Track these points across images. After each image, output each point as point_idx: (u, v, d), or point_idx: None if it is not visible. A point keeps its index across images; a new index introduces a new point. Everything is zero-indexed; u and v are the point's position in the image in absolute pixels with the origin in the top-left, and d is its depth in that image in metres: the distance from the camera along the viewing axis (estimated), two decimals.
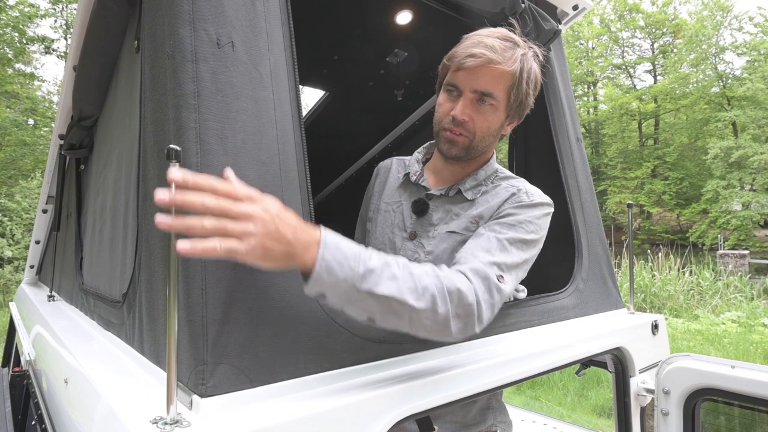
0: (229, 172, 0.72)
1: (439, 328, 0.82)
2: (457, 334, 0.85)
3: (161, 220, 0.61)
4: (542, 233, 1.06)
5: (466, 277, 0.88)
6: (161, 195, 0.62)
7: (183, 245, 0.61)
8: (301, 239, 0.70)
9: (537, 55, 1.08)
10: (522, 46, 1.05)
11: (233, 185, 0.68)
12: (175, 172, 0.63)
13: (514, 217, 1.04)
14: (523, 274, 1.02)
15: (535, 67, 1.07)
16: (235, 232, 0.65)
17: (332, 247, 0.73)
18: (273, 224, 0.67)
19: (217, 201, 0.65)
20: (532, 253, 1.04)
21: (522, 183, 1.14)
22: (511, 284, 0.96)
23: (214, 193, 0.66)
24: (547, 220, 1.09)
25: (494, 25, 1.47)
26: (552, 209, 1.11)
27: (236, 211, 0.66)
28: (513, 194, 1.09)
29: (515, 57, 1.02)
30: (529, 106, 1.11)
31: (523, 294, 1.21)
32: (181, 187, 0.63)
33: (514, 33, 1.06)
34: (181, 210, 0.63)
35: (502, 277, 0.93)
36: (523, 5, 1.44)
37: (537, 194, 1.10)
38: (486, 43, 1.01)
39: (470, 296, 0.85)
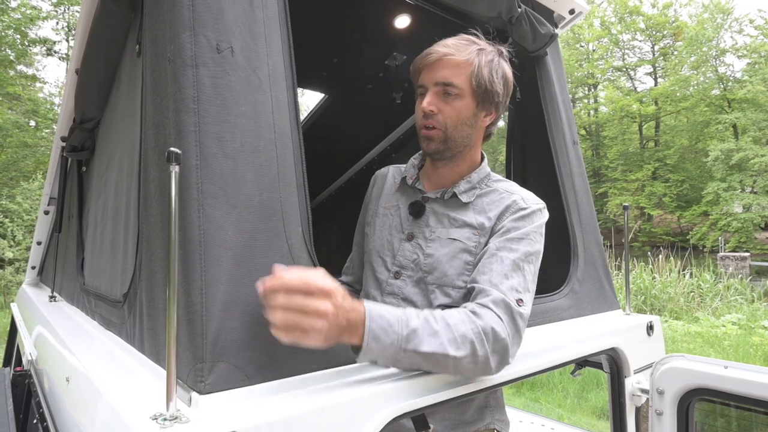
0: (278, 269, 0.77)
1: (480, 368, 0.90)
2: (496, 368, 0.93)
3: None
4: (543, 239, 1.13)
5: (495, 314, 0.95)
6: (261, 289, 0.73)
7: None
8: (352, 320, 0.78)
9: (502, 53, 1.15)
10: (481, 44, 1.12)
11: (310, 280, 0.74)
12: (270, 281, 0.73)
13: (520, 231, 1.09)
14: (534, 285, 1.08)
15: (501, 62, 1.14)
16: (305, 328, 0.73)
17: (377, 317, 0.81)
18: (337, 319, 0.75)
19: (294, 299, 0.72)
20: (540, 260, 1.11)
21: (516, 188, 1.18)
22: (530, 303, 1.03)
23: (293, 288, 0.73)
24: (544, 226, 1.15)
25: (491, 29, 1.49)
26: (547, 213, 1.16)
27: (311, 308, 0.73)
28: (511, 203, 1.13)
29: (470, 50, 1.10)
30: (499, 95, 1.14)
31: None
32: (272, 288, 0.73)
33: (478, 37, 1.14)
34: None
35: (521, 300, 1.00)
36: (519, 9, 1.45)
37: (532, 200, 1.14)
38: (442, 43, 1.12)
39: (503, 333, 0.92)
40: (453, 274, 1.10)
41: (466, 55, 1.09)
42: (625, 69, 35.62)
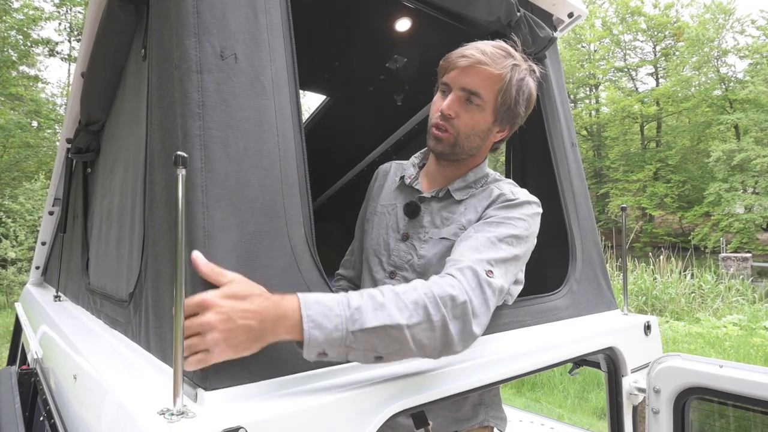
0: (195, 255, 0.73)
1: (440, 337, 0.81)
2: (458, 338, 0.83)
3: None
4: (532, 230, 1.07)
5: (454, 277, 0.88)
6: None
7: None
8: (270, 317, 0.71)
9: (533, 71, 1.12)
10: (517, 58, 1.10)
11: (191, 299, 0.69)
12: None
13: (501, 215, 1.06)
14: (515, 269, 1.01)
15: (529, 81, 1.11)
16: (200, 348, 0.68)
17: (314, 303, 0.74)
18: (232, 323, 0.69)
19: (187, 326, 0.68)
20: (523, 249, 1.03)
21: (509, 185, 1.16)
22: (502, 278, 0.95)
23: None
24: (537, 219, 1.10)
25: (492, 33, 1.51)
26: (540, 208, 1.12)
27: (194, 326, 0.68)
28: (498, 196, 1.12)
29: (506, 64, 1.07)
30: (519, 116, 1.14)
31: (510, 300, 1.24)
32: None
33: (515, 49, 1.11)
34: None
35: (491, 272, 0.92)
36: (518, 13, 1.47)
37: (523, 194, 1.12)
38: (479, 47, 1.08)
39: (461, 295, 0.84)
40: None
41: (500, 69, 1.06)
42: (626, 69, 35.59)
